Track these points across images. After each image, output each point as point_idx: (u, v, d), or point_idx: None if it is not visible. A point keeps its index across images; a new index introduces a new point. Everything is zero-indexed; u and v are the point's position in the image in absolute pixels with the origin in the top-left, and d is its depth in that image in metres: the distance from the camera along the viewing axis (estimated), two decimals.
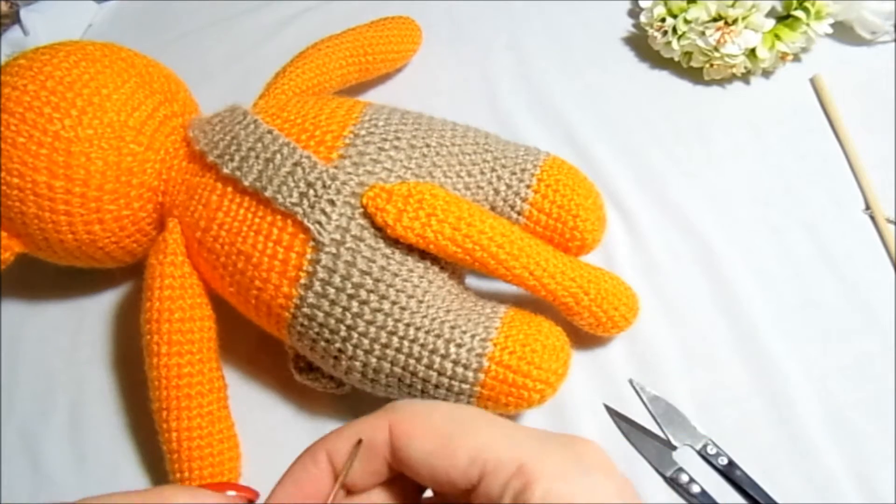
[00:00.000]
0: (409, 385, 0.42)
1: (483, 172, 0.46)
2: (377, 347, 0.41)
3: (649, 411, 0.45)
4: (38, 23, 0.66)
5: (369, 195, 0.42)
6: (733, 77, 0.58)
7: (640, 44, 0.61)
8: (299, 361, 0.46)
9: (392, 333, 0.41)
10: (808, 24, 0.56)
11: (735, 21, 0.55)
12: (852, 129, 0.54)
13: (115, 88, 0.45)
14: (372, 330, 0.41)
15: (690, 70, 0.58)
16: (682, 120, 0.56)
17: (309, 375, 0.46)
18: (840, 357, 0.46)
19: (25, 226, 0.45)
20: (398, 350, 0.41)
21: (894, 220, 0.50)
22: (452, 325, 0.41)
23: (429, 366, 0.41)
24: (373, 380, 0.43)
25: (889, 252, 0.49)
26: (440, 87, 0.61)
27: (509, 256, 0.42)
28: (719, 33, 0.55)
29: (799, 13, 0.56)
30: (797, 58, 0.58)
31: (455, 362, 0.40)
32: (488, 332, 0.41)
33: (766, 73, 0.58)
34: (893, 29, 0.57)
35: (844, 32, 0.58)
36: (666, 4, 0.58)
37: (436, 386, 0.41)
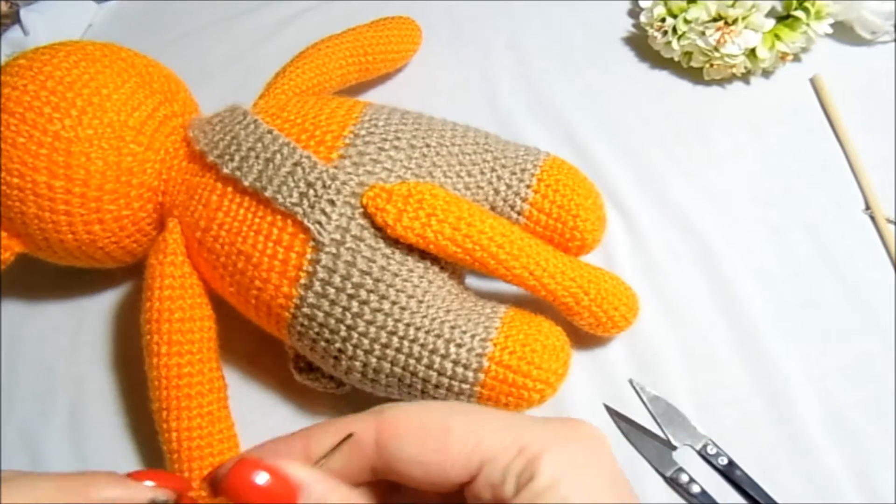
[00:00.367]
0: (409, 385, 0.42)
1: (483, 172, 0.46)
2: (377, 347, 0.41)
3: (649, 411, 0.45)
4: (38, 23, 0.66)
5: (369, 195, 0.42)
6: (733, 77, 0.58)
7: (640, 44, 0.61)
8: (299, 361, 0.46)
9: (392, 333, 0.41)
10: (808, 24, 0.56)
11: (735, 21, 0.55)
12: (852, 129, 0.54)
13: (115, 88, 0.45)
14: (372, 330, 0.41)
15: (690, 70, 0.58)
16: (682, 120, 0.56)
17: (309, 375, 0.46)
18: (840, 357, 0.46)
19: (25, 226, 0.45)
20: (398, 350, 0.41)
21: (894, 220, 0.50)
22: (452, 325, 0.41)
23: (429, 366, 0.41)
24: (373, 380, 0.43)
25: (889, 252, 0.49)
26: (440, 87, 0.61)
27: (509, 256, 0.42)
28: (719, 33, 0.55)
29: (799, 13, 0.56)
30: (797, 58, 0.58)
31: (455, 362, 0.40)
32: (488, 332, 0.41)
33: (766, 73, 0.58)
34: (893, 29, 0.57)
35: (844, 32, 0.58)
36: (666, 4, 0.58)
37: (436, 386, 0.41)
